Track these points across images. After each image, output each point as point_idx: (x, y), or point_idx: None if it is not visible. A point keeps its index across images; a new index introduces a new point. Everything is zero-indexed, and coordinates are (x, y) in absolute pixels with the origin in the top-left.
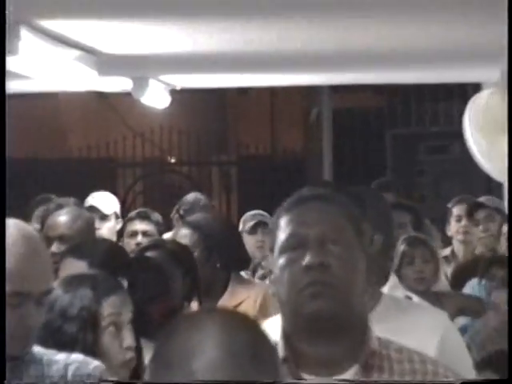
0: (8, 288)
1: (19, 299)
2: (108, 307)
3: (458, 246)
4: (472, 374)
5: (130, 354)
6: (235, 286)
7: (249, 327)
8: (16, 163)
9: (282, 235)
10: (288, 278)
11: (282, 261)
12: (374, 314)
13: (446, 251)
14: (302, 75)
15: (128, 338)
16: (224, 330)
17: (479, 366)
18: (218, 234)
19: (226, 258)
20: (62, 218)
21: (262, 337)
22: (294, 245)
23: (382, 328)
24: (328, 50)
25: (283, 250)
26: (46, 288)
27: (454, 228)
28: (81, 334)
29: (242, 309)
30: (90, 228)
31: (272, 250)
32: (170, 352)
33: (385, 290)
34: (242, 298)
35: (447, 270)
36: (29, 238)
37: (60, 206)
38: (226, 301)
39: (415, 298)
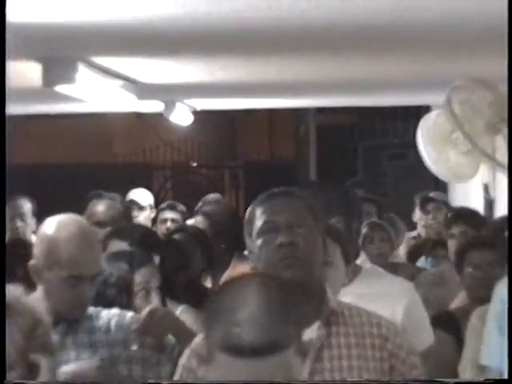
0: (67, 272)
1: (76, 281)
2: (139, 277)
3: (420, 229)
4: (430, 331)
5: None
6: (236, 263)
7: (281, 286)
8: (73, 167)
9: (258, 222)
10: (265, 255)
11: (259, 242)
12: (355, 283)
13: (413, 233)
14: (294, 99)
15: (155, 300)
16: (262, 288)
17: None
18: (224, 221)
19: (229, 240)
20: (99, 208)
21: (290, 294)
22: (269, 229)
23: (361, 293)
24: (313, 80)
25: (260, 234)
26: (97, 271)
27: (417, 215)
28: (118, 297)
29: None
30: (119, 216)
31: (250, 234)
32: (220, 305)
33: (357, 262)
34: (241, 271)
35: None
36: (84, 230)
37: (108, 200)
38: (229, 273)
39: (380, 269)
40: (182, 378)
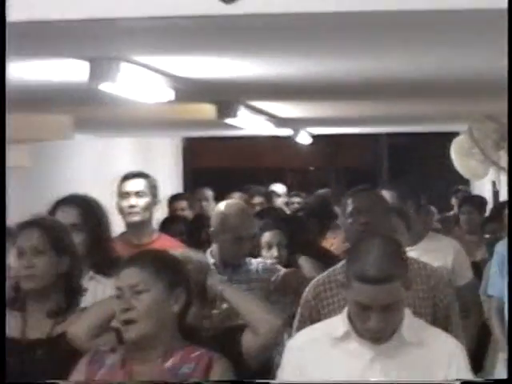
0: (233, 235)
1: (239, 240)
2: (265, 237)
3: (456, 210)
4: (470, 272)
5: (276, 260)
6: (330, 231)
7: (393, 241)
8: (236, 170)
9: (349, 208)
10: (353, 229)
11: (349, 220)
12: (423, 242)
13: (451, 212)
14: (373, 128)
15: (275, 253)
16: (381, 242)
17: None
18: (318, 204)
19: (324, 218)
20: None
21: (401, 247)
22: (354, 213)
23: (427, 248)
24: (387, 116)
25: (349, 215)
26: (252, 234)
27: (453, 201)
28: (252, 249)
29: (335, 244)
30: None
31: (343, 215)
32: (356, 254)
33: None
34: (335, 236)
35: None
36: (243, 209)
37: (256, 190)
38: (327, 236)
39: (438, 234)
40: (301, 308)
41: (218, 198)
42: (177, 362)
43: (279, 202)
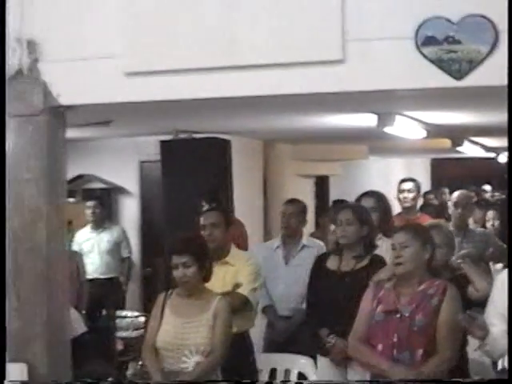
0: (461, 212)
1: (468, 215)
2: (488, 215)
3: None
4: None
5: (492, 227)
6: None
7: None
8: (456, 177)
9: None
10: None
11: None
12: None
13: None
14: None
15: (491, 223)
16: None
17: None
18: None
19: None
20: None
21: None
22: None
23: None
24: None
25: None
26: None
27: None
28: None
29: None
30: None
31: None
32: None
33: None
34: None
35: None
36: (469, 197)
37: (472, 189)
38: None
39: None
40: None
41: (451, 193)
42: (426, 287)
43: (487, 195)
